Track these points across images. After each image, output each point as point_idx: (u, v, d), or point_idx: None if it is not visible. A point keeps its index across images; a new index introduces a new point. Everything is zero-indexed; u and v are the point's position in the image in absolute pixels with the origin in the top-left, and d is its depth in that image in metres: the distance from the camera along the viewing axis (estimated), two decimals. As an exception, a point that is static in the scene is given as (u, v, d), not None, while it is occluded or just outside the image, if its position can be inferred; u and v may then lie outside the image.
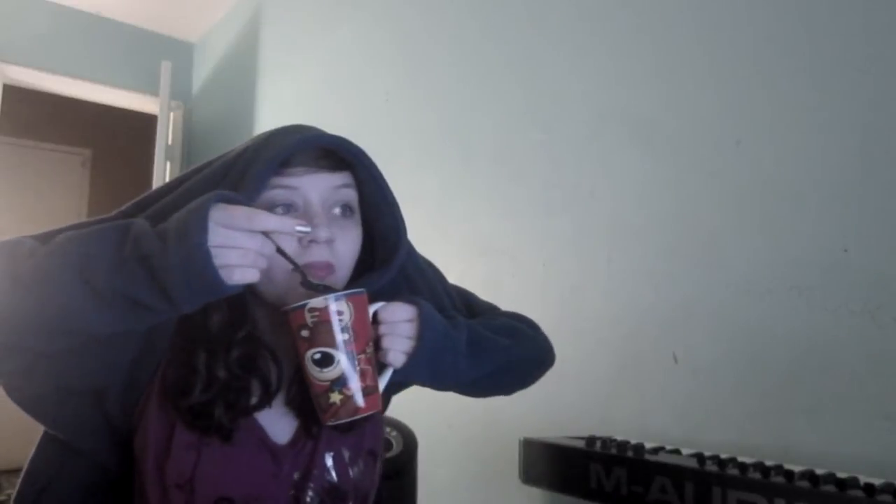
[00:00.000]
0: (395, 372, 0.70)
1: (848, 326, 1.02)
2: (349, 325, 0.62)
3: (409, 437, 1.34)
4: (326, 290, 0.63)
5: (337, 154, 0.71)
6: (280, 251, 0.61)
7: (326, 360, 0.62)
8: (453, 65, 1.90)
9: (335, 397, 0.63)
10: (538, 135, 1.60)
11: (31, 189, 4.39)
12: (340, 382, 0.62)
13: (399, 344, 0.69)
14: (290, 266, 0.62)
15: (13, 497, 0.71)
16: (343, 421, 0.64)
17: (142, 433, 0.69)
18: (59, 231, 0.65)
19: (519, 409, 1.52)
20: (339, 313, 0.62)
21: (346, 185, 0.71)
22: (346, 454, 0.76)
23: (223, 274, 0.55)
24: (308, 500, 0.72)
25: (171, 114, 3.28)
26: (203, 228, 0.54)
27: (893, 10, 1.03)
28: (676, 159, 1.30)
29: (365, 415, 0.65)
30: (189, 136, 3.55)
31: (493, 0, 1.79)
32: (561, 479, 1.12)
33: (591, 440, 1.13)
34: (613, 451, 1.06)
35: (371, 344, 0.66)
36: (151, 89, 3.27)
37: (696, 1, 1.31)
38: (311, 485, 0.73)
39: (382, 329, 0.69)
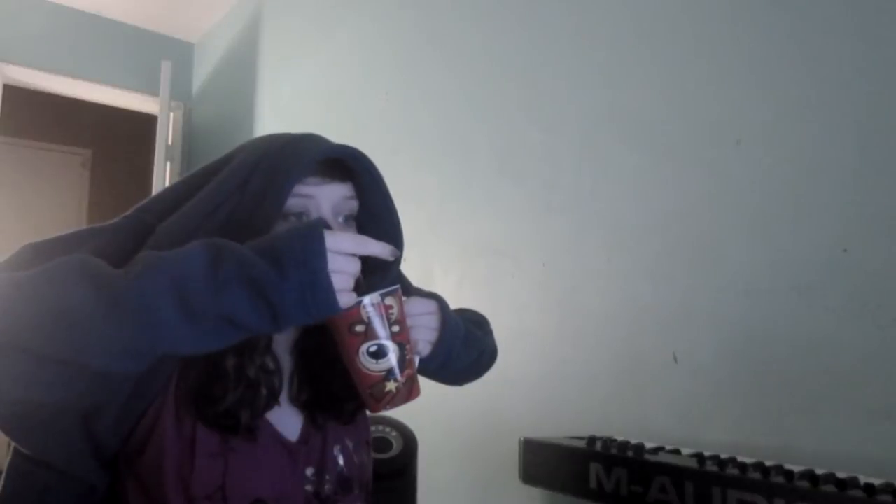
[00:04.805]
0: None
1: (848, 326, 1.02)
2: (398, 318, 0.67)
3: (409, 437, 1.34)
4: (370, 290, 0.67)
5: (344, 163, 0.73)
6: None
7: (381, 352, 0.66)
8: (453, 65, 1.90)
9: (391, 386, 0.67)
10: (538, 135, 1.60)
11: (31, 189, 4.39)
12: (394, 372, 0.67)
13: (425, 334, 0.75)
14: None
15: None
16: (395, 407, 0.69)
17: (154, 450, 0.67)
18: (65, 237, 0.65)
19: (519, 409, 1.52)
20: (390, 308, 0.66)
21: (352, 197, 0.74)
22: (350, 445, 0.80)
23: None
24: (326, 492, 0.75)
25: (171, 114, 3.28)
26: (323, 255, 0.57)
27: (893, 10, 1.03)
28: (676, 159, 1.30)
29: (413, 399, 0.69)
30: (189, 136, 3.55)
31: (493, 0, 1.79)
32: (561, 479, 1.12)
33: (591, 440, 1.13)
34: (613, 451, 1.06)
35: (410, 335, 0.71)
36: (151, 89, 3.28)
37: (695, 1, 1.31)
38: (328, 477, 0.76)
39: (409, 322, 0.72)
